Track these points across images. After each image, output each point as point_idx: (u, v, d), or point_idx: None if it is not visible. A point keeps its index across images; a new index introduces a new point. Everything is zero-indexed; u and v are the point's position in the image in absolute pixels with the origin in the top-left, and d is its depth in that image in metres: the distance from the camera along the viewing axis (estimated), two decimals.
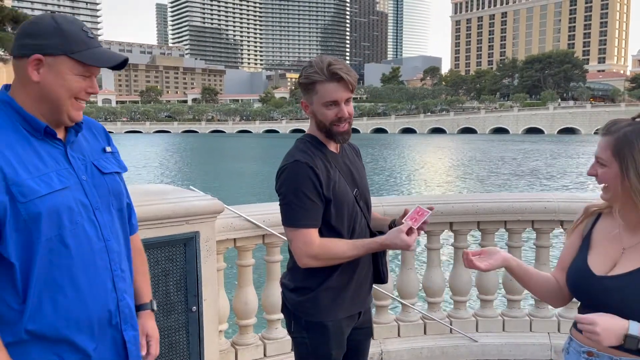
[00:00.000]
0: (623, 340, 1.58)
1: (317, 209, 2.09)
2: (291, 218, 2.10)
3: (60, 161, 1.60)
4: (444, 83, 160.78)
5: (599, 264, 1.74)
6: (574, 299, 1.89)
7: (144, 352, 1.85)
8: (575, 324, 1.81)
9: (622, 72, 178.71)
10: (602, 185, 1.74)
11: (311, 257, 2.09)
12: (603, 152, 1.71)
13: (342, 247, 2.10)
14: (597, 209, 1.86)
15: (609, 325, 1.58)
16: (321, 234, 2.12)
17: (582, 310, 1.78)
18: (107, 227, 1.67)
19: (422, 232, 2.16)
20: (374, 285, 2.37)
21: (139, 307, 1.91)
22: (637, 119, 1.69)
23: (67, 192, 1.56)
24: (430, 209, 2.14)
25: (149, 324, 1.91)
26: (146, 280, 1.98)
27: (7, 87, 1.63)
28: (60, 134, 1.64)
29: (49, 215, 1.51)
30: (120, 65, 1.63)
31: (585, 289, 1.74)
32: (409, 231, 2.09)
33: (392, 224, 2.27)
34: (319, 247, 2.08)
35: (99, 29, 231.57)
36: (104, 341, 1.67)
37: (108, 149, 1.79)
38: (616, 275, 1.68)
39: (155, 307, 1.96)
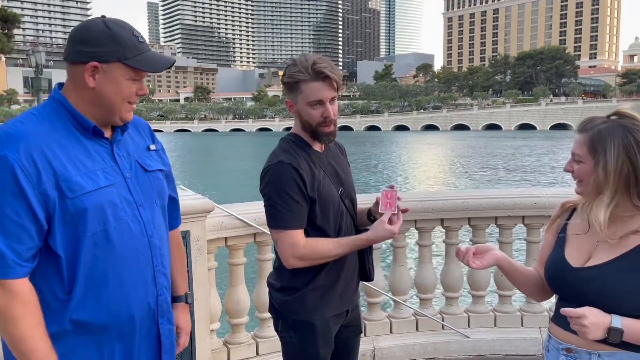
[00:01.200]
0: (607, 333, 1.61)
1: (302, 209, 2.07)
2: (276, 220, 2.08)
3: (107, 159, 1.66)
4: (436, 80, 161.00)
5: (575, 256, 1.78)
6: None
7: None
8: (553, 321, 1.84)
9: (613, 67, 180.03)
10: (577, 180, 1.79)
11: (297, 258, 2.08)
12: (579, 149, 1.76)
13: (327, 247, 2.10)
14: (572, 205, 1.91)
15: (596, 319, 1.61)
16: (307, 235, 2.11)
17: (560, 303, 1.81)
18: (151, 223, 1.72)
19: (406, 215, 2.14)
20: (365, 283, 2.40)
21: (174, 299, 1.96)
22: (612, 117, 1.74)
23: (112, 189, 1.62)
24: (391, 187, 2.14)
25: (181, 315, 1.98)
26: (183, 274, 2.04)
27: (60, 85, 1.69)
28: (107, 133, 1.70)
29: (94, 211, 1.57)
30: (169, 67, 1.72)
31: (562, 280, 1.77)
32: (391, 219, 2.10)
33: (369, 214, 2.27)
34: (305, 247, 2.07)
35: None
36: (143, 333, 1.73)
37: (152, 146, 1.85)
38: (591, 266, 1.72)
39: (190, 300, 2.03)
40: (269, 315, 3.54)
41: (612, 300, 1.64)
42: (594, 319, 1.61)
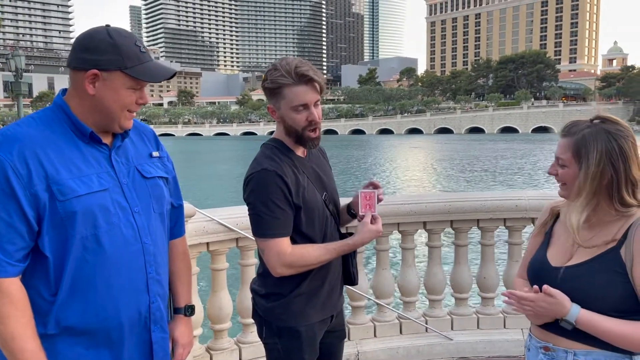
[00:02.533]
0: (560, 320, 1.71)
1: (288, 217, 2.04)
2: (262, 228, 2.05)
3: (103, 164, 1.68)
4: (420, 84, 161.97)
5: (556, 256, 1.83)
6: None
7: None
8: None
9: (592, 71, 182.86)
10: (561, 183, 1.81)
11: (285, 266, 2.05)
12: (563, 153, 1.77)
13: (315, 253, 2.07)
14: (560, 208, 1.93)
15: (551, 308, 1.70)
16: (293, 241, 2.08)
17: None
18: (146, 229, 1.72)
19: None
20: (348, 287, 2.38)
21: (175, 311, 1.95)
22: (595, 121, 1.76)
23: (105, 193, 1.63)
24: (375, 185, 2.15)
25: (178, 328, 1.94)
26: (186, 285, 2.01)
27: (64, 91, 1.72)
28: (107, 139, 1.72)
29: (84, 215, 1.58)
30: (170, 78, 1.75)
31: (543, 279, 1.80)
32: (373, 219, 2.11)
33: (349, 210, 2.28)
34: (293, 255, 2.04)
35: (71, 32, 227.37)
36: (132, 340, 1.71)
37: (155, 153, 1.86)
38: (569, 266, 1.77)
39: (189, 313, 1.99)
40: (252, 320, 3.52)
41: (587, 299, 1.69)
42: (544, 303, 1.70)
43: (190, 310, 1.99)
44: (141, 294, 1.71)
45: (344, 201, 2.39)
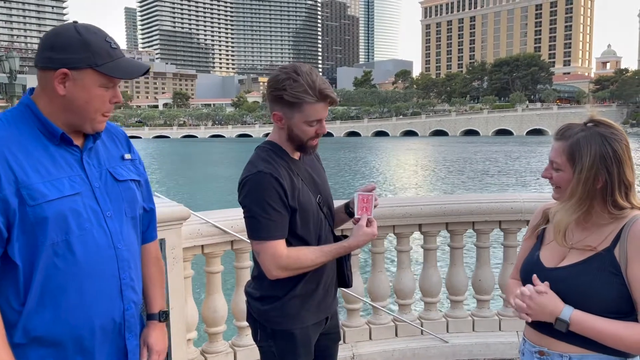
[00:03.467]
0: (554, 321, 1.70)
1: (283, 219, 2.04)
2: (258, 231, 2.04)
3: (74, 167, 1.61)
4: (415, 86, 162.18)
5: (549, 258, 1.83)
6: None
7: None
8: (528, 324, 1.86)
9: (586, 74, 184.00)
10: (555, 186, 1.82)
11: (281, 269, 2.04)
12: (557, 157, 1.78)
13: (310, 256, 2.07)
14: (552, 211, 1.92)
15: (544, 300, 1.70)
16: (288, 244, 2.07)
17: None
18: (119, 234, 1.66)
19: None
20: (344, 289, 2.38)
21: (148, 317, 1.90)
22: (589, 124, 1.76)
23: (77, 197, 1.57)
24: (370, 188, 2.16)
25: (153, 334, 1.88)
26: (159, 290, 1.96)
27: (31, 90, 1.65)
28: (78, 141, 1.65)
29: (56, 220, 1.51)
30: (143, 74, 1.68)
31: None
32: (368, 222, 2.11)
33: (347, 209, 2.28)
34: (288, 257, 2.03)
35: None
36: (106, 348, 1.66)
37: (127, 156, 1.80)
38: (561, 267, 1.77)
39: (163, 319, 1.94)
40: (247, 323, 3.51)
41: (580, 300, 1.70)
42: (540, 301, 1.70)
43: (164, 315, 1.93)
44: (115, 301, 1.65)
45: (337, 203, 2.39)
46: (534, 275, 1.75)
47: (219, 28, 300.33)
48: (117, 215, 1.67)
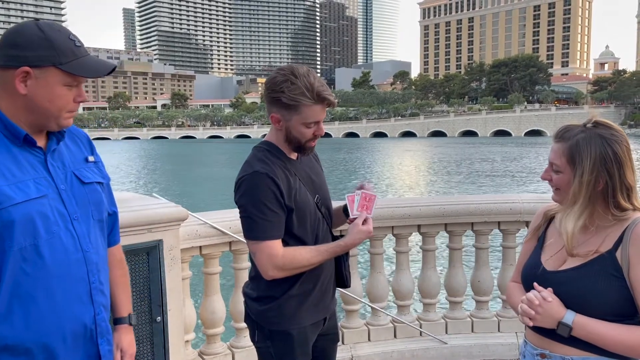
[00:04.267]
0: (556, 326, 1.68)
1: (279, 219, 2.03)
2: (254, 231, 2.04)
3: (39, 169, 1.57)
4: (413, 87, 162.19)
5: (551, 260, 1.81)
6: None
7: None
8: (529, 327, 1.84)
9: (584, 75, 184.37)
10: (555, 188, 1.81)
11: (277, 269, 2.04)
12: (557, 159, 1.76)
13: (306, 255, 2.06)
14: (553, 213, 1.92)
15: (549, 307, 1.69)
16: (285, 244, 2.07)
17: None
18: (86, 237, 1.63)
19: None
20: (343, 290, 2.37)
21: (116, 321, 1.86)
22: (589, 125, 1.74)
23: (44, 200, 1.53)
24: (361, 186, 2.16)
25: (125, 338, 1.86)
26: (126, 293, 1.92)
27: None
28: (41, 142, 1.60)
29: (23, 224, 1.47)
30: (109, 73, 1.63)
31: (536, 282, 1.79)
32: (364, 221, 2.11)
33: (345, 210, 2.27)
34: (284, 257, 2.03)
35: None
36: (78, 355, 1.63)
37: (91, 158, 1.76)
38: (562, 270, 1.76)
39: (133, 322, 1.92)
40: (245, 325, 3.50)
41: (582, 303, 1.69)
42: (546, 306, 1.68)
43: (133, 318, 1.92)
44: (85, 306, 1.61)
45: (336, 204, 2.38)
46: (535, 283, 1.74)
47: (218, 29, 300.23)
48: (84, 218, 1.64)
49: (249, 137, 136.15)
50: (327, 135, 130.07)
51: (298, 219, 2.08)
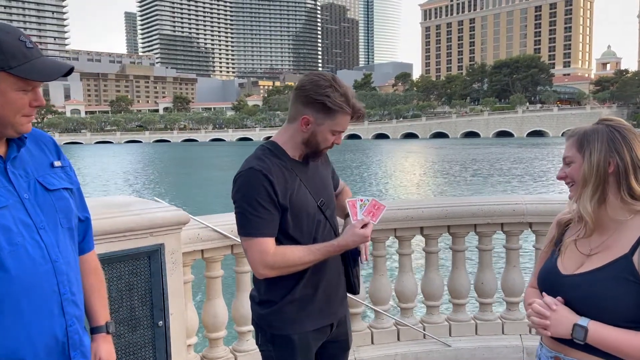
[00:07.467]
0: (572, 329, 1.66)
1: (272, 217, 2.03)
2: (245, 227, 2.04)
3: None
4: (415, 89, 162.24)
5: (566, 265, 1.80)
6: None
7: None
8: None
9: (586, 75, 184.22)
10: (570, 184, 1.81)
11: (267, 267, 2.03)
12: (569, 151, 1.80)
13: (297, 254, 2.04)
14: (567, 220, 1.91)
15: (561, 315, 1.68)
16: (279, 243, 2.06)
17: None
18: (55, 247, 1.56)
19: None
20: (348, 294, 2.37)
21: (93, 330, 1.80)
22: (598, 122, 1.80)
23: (5, 211, 1.46)
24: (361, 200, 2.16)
25: (103, 348, 1.79)
26: (102, 301, 1.85)
27: None
28: (1, 150, 1.53)
29: None
30: (66, 74, 1.54)
31: (552, 287, 1.79)
32: (365, 225, 2.09)
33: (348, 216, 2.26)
34: (275, 255, 2.02)
35: (66, 39, 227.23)
36: None
37: (57, 163, 1.67)
38: (578, 273, 1.74)
39: (112, 330, 1.85)
40: (247, 328, 3.50)
41: (597, 307, 1.66)
42: (559, 314, 1.68)
43: (112, 327, 1.85)
44: (56, 318, 1.54)
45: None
46: (543, 293, 1.75)
47: (219, 32, 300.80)
48: (52, 227, 1.57)
49: (251, 139, 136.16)
50: None
51: (293, 220, 2.07)
